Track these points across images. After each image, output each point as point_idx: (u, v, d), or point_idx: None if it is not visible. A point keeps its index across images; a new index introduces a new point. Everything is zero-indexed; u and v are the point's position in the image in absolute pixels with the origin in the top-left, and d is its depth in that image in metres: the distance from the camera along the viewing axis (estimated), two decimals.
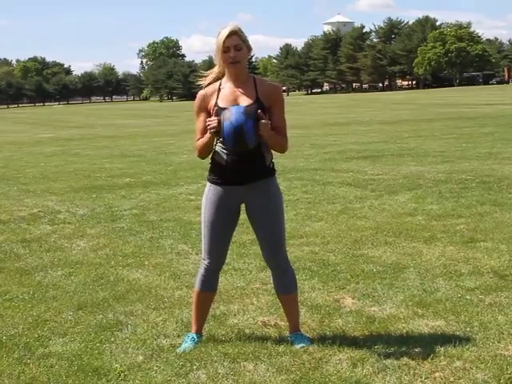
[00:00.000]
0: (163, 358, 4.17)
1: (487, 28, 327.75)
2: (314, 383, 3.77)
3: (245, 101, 4.13)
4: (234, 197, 4.25)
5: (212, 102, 4.19)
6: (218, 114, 4.06)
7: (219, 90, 4.21)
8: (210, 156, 4.26)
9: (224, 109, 4.07)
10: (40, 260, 6.85)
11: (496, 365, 3.88)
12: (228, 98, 4.17)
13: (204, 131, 4.21)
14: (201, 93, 4.28)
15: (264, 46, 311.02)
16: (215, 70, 4.29)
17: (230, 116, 3.96)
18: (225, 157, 4.16)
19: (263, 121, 3.99)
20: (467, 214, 8.19)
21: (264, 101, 4.14)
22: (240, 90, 4.18)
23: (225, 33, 4.08)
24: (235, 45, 4.09)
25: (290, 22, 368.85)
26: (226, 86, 4.22)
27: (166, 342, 4.44)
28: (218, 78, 4.27)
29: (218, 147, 4.20)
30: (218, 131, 4.02)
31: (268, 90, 4.20)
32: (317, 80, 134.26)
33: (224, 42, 4.08)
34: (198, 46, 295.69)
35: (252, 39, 4.20)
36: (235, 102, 4.14)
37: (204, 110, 4.24)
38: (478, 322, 4.57)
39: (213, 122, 4.02)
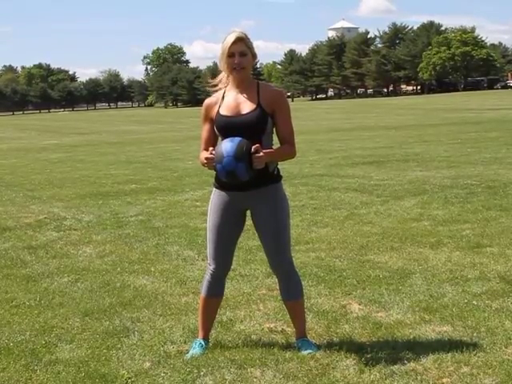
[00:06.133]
0: (170, 365, 4.17)
1: (489, 32, 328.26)
2: None
3: (246, 108, 4.12)
4: (238, 202, 4.26)
5: (215, 111, 4.20)
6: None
7: (223, 98, 4.23)
8: None
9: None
10: (46, 266, 6.86)
11: (503, 370, 3.87)
12: (230, 105, 4.17)
13: (208, 141, 4.26)
14: (206, 102, 4.31)
15: (266, 52, 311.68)
16: (224, 77, 4.28)
17: (222, 159, 3.92)
18: None
19: (257, 155, 3.95)
20: (473, 219, 8.18)
21: (266, 107, 4.13)
22: (242, 96, 4.18)
23: (231, 38, 4.09)
24: (240, 51, 4.09)
25: (291, 27, 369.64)
26: (229, 93, 4.23)
27: (172, 349, 4.44)
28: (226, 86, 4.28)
29: None
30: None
31: (271, 96, 4.18)
32: (321, 86, 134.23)
33: (230, 47, 4.08)
34: (201, 52, 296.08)
35: (254, 45, 4.21)
36: (237, 110, 4.14)
37: (208, 119, 4.26)
38: (485, 328, 4.56)
39: (209, 161, 4.01)
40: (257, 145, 3.99)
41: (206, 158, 4.02)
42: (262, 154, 3.97)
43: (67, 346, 4.59)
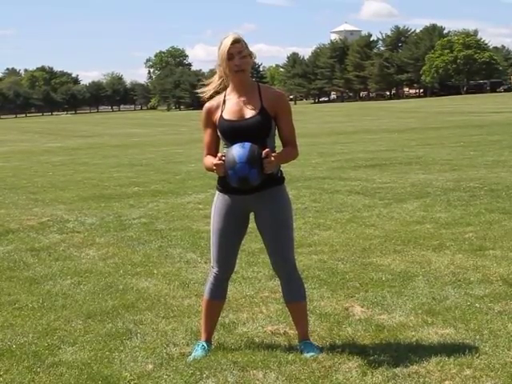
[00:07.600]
0: (173, 367, 4.17)
1: (492, 36, 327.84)
2: None
3: (250, 111, 4.12)
4: (241, 205, 4.26)
5: (217, 115, 4.19)
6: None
7: (224, 102, 4.21)
8: None
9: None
10: (49, 269, 6.87)
11: (506, 373, 3.86)
12: (233, 109, 4.16)
13: (211, 145, 4.25)
14: (206, 106, 4.28)
15: (268, 55, 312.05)
16: (216, 79, 4.27)
17: (234, 165, 3.92)
18: None
19: (268, 159, 3.95)
20: (476, 222, 8.17)
21: (269, 109, 4.13)
22: (244, 100, 4.16)
23: (229, 40, 4.06)
24: (239, 51, 4.07)
25: (293, 31, 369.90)
26: (231, 97, 4.21)
27: (175, 351, 4.44)
28: (223, 89, 4.27)
29: None
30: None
31: (273, 98, 4.18)
32: (324, 89, 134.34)
33: (229, 49, 4.06)
34: (203, 55, 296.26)
35: (255, 48, 4.22)
36: (240, 114, 4.13)
37: (210, 124, 4.24)
38: (488, 330, 4.56)
39: (219, 167, 4.00)
40: (267, 149, 3.99)
41: (216, 165, 4.02)
42: (272, 158, 3.98)
43: (70, 348, 4.59)
